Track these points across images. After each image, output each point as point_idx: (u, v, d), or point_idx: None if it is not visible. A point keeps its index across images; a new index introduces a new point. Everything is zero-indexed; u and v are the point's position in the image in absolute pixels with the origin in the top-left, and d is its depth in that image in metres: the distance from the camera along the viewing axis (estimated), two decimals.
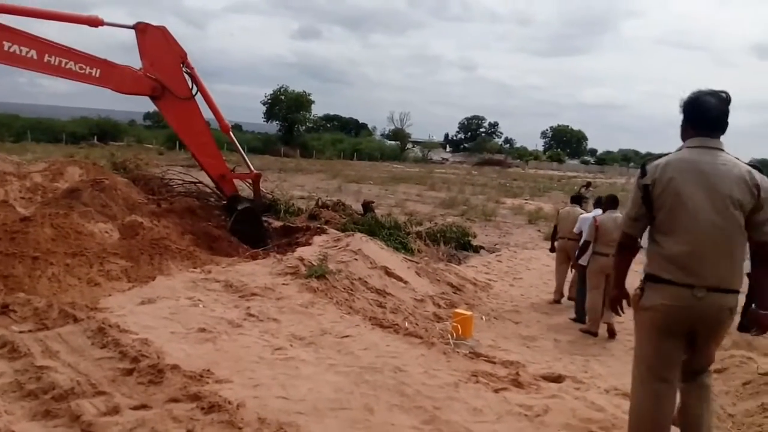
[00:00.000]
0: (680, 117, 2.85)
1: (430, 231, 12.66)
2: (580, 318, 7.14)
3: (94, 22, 8.20)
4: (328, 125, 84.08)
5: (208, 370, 3.73)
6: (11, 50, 7.57)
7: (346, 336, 4.69)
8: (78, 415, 2.99)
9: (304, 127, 67.65)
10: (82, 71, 8.01)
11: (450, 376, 3.89)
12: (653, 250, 2.78)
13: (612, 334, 6.58)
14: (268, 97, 63.96)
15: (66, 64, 7.90)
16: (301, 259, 6.74)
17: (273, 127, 66.52)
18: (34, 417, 3.04)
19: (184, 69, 8.75)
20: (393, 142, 76.41)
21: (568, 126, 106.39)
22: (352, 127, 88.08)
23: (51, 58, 7.80)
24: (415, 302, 6.97)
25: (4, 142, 33.55)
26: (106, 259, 6.36)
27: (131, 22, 8.65)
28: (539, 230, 16.69)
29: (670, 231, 2.71)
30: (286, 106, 63.12)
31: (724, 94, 2.77)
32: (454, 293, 7.96)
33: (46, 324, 4.32)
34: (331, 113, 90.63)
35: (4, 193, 8.74)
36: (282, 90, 63.68)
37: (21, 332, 4.09)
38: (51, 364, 3.55)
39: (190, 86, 8.72)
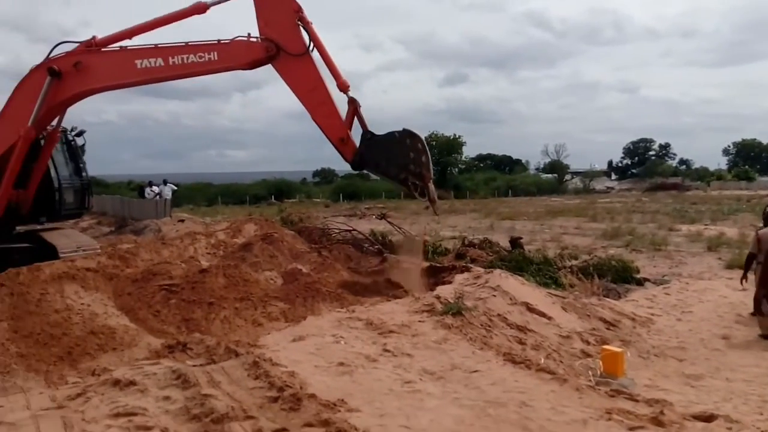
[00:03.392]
0: None
1: (585, 265, 12.01)
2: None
3: (200, 9, 8.22)
4: (481, 165, 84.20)
5: (342, 400, 4.05)
6: (143, 66, 8.01)
7: (475, 371, 4.73)
8: None
9: (456, 169, 68.67)
10: (203, 59, 8.03)
11: (580, 413, 3.73)
12: None
13: None
14: None
15: (188, 59, 8.03)
16: (438, 297, 6.92)
17: None
18: None
19: (300, 24, 8.12)
20: (549, 176, 73.81)
21: (755, 139, 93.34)
22: (506, 164, 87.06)
23: (175, 59, 8.02)
24: (560, 339, 6.69)
25: (199, 206, 39.27)
26: (268, 302, 7.20)
27: None
28: (720, 258, 14.79)
29: None
30: (438, 151, 64.83)
31: None
32: (608, 329, 7.46)
33: (214, 359, 5.04)
34: (484, 152, 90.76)
35: (193, 250, 10.30)
36: (432, 135, 65.70)
37: (194, 366, 4.82)
38: (213, 393, 4.15)
39: (306, 42, 8.06)
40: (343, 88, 8.26)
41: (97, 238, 13.98)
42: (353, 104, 8.23)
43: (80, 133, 11.62)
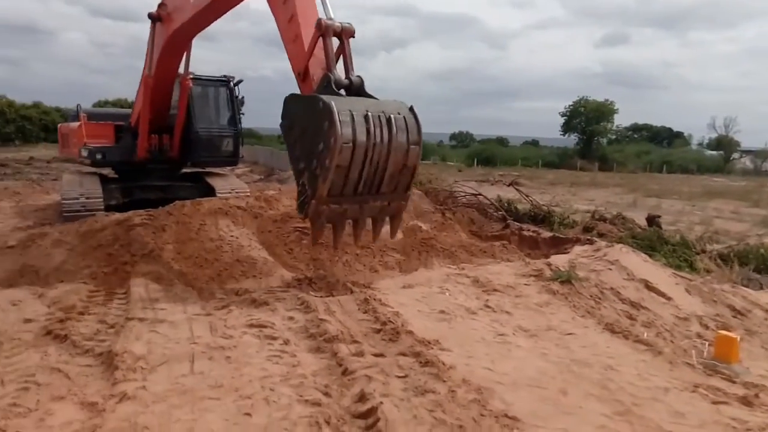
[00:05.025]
0: None
1: (728, 250, 11.05)
2: None
3: None
4: (635, 136, 77.66)
5: (437, 340, 4.49)
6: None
7: (570, 334, 4.88)
8: (336, 353, 4.09)
9: (605, 139, 64.19)
10: None
11: (665, 383, 3.79)
12: None
13: None
14: (567, 110, 62.76)
15: None
16: (549, 264, 7.00)
17: (571, 140, 64.99)
18: (310, 350, 4.26)
19: None
20: (714, 153, 65.97)
21: None
22: (665, 137, 79.37)
23: None
24: (675, 320, 6.46)
25: None
26: (386, 252, 7.80)
27: None
28: None
29: None
30: (586, 118, 60.92)
31: None
32: (734, 317, 6.99)
33: (333, 293, 5.74)
34: (640, 122, 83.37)
35: None
36: (582, 101, 61.73)
37: (315, 296, 5.56)
38: (328, 319, 4.81)
39: None
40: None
41: (248, 183, 15.63)
42: (334, 38, 5.62)
43: (237, 83, 12.61)
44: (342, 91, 5.53)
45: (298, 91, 5.74)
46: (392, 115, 5.23)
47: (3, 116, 48.72)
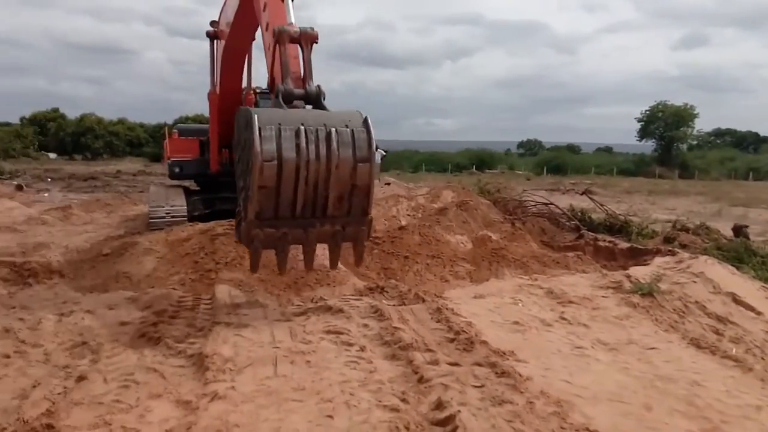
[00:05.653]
0: None
1: None
2: None
3: None
4: (718, 141, 73.29)
5: (512, 351, 4.46)
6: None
7: (652, 348, 4.71)
8: (411, 360, 4.16)
9: (685, 145, 60.93)
10: None
11: (757, 401, 3.59)
12: None
13: None
14: (644, 115, 60.13)
15: None
16: (628, 276, 6.77)
17: (648, 146, 62.17)
18: (385, 357, 4.36)
19: None
20: None
21: None
22: (750, 142, 74.48)
23: None
24: (766, 335, 6.08)
25: (404, 171, 41.74)
26: (456, 262, 7.83)
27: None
28: None
29: None
30: (664, 124, 58.10)
31: None
32: None
33: (405, 302, 5.83)
34: (723, 127, 78.64)
35: (396, 210, 11.41)
36: (660, 106, 58.96)
37: (389, 305, 5.66)
38: (402, 327, 4.89)
39: None
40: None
41: None
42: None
43: None
44: (302, 103, 5.09)
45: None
46: (334, 129, 4.61)
47: (92, 132, 52.66)
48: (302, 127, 4.52)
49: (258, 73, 10.58)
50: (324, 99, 5.12)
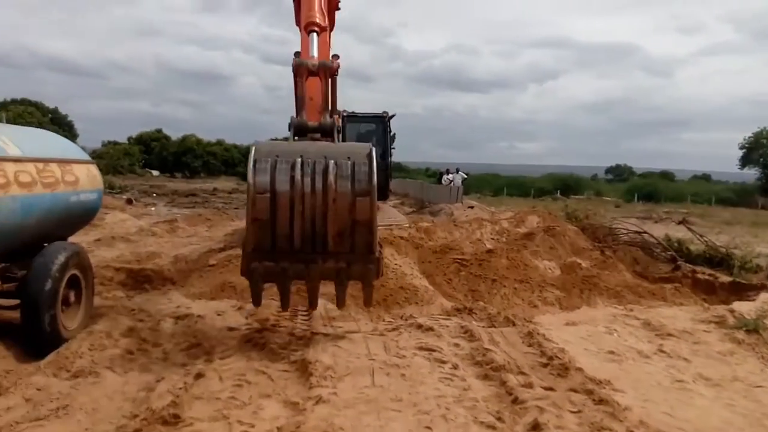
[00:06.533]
0: None
1: None
2: None
3: None
4: None
5: (608, 381, 4.41)
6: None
7: (759, 386, 4.47)
8: (505, 381, 4.22)
9: None
10: None
11: None
12: None
13: None
14: (747, 141, 56.01)
15: None
16: (731, 311, 6.43)
17: (750, 175, 57.73)
18: (478, 377, 4.45)
19: None
20: None
21: None
22: None
23: None
24: None
25: (485, 195, 41.35)
26: (545, 288, 7.75)
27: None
28: None
29: None
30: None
31: None
32: None
33: (494, 324, 5.88)
34: None
35: (479, 234, 11.43)
36: (765, 132, 54.74)
37: (478, 326, 5.74)
38: (492, 348, 4.97)
39: None
40: None
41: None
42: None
43: (390, 117, 13.30)
44: (317, 135, 5.11)
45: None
46: (333, 161, 4.47)
47: (192, 152, 56.46)
48: (299, 160, 4.45)
49: (345, 97, 11.03)
50: (339, 132, 5.18)
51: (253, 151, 4.50)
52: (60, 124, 48.77)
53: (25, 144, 5.19)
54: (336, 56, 5.43)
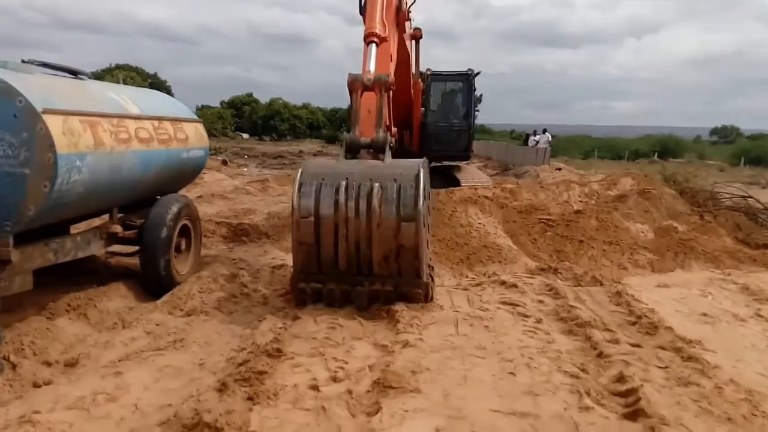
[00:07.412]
0: None
1: None
2: None
3: None
4: None
5: (699, 341, 4.32)
6: None
7: None
8: (590, 337, 4.25)
9: None
10: None
11: None
12: None
13: None
14: None
15: None
16: None
17: None
18: (562, 332, 4.50)
19: None
20: None
21: None
22: None
23: None
24: None
25: (574, 158, 39.68)
26: (636, 251, 7.52)
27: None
28: None
29: None
30: None
31: None
32: None
33: (580, 283, 5.85)
34: None
35: (567, 196, 11.13)
36: None
37: (564, 284, 5.74)
38: (578, 306, 4.97)
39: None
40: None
41: None
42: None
43: (474, 75, 13.04)
44: (369, 152, 5.06)
45: None
46: (378, 185, 4.45)
47: (280, 115, 58.27)
48: (343, 183, 4.48)
49: (428, 57, 10.90)
50: (392, 146, 5.12)
51: (299, 174, 4.62)
52: (159, 88, 51.80)
53: (142, 103, 5.70)
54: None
